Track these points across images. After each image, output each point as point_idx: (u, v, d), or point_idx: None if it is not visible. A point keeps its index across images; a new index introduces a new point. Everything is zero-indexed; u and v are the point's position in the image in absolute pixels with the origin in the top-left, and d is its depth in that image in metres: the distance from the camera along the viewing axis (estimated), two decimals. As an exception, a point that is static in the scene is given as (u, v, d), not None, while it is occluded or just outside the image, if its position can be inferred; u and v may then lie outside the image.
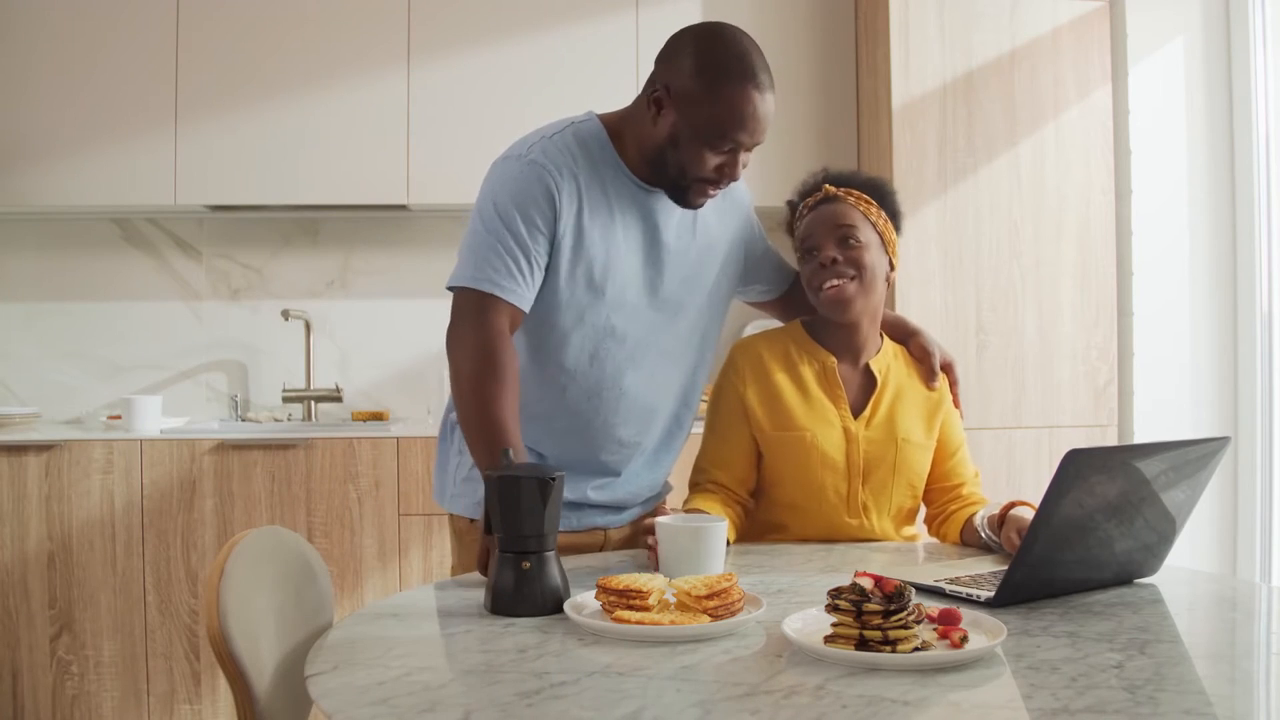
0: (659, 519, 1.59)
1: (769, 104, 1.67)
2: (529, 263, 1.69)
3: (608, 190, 1.74)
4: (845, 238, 1.84)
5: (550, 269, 1.73)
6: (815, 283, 1.85)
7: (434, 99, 3.50)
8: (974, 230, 3.32)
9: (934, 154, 3.32)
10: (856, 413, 1.89)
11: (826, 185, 1.90)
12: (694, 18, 3.50)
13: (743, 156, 1.71)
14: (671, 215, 1.80)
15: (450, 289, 1.73)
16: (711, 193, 1.75)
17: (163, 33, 3.47)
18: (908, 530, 1.96)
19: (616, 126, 1.79)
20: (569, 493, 1.80)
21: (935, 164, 3.31)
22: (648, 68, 1.77)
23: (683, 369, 1.88)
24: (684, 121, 1.67)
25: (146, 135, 3.47)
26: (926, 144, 3.31)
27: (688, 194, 1.75)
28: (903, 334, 1.99)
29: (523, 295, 1.70)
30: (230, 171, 3.49)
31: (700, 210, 1.83)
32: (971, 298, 3.31)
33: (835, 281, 1.83)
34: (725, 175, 1.72)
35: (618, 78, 3.47)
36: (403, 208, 3.67)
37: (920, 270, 3.28)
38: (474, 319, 1.67)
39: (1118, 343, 3.37)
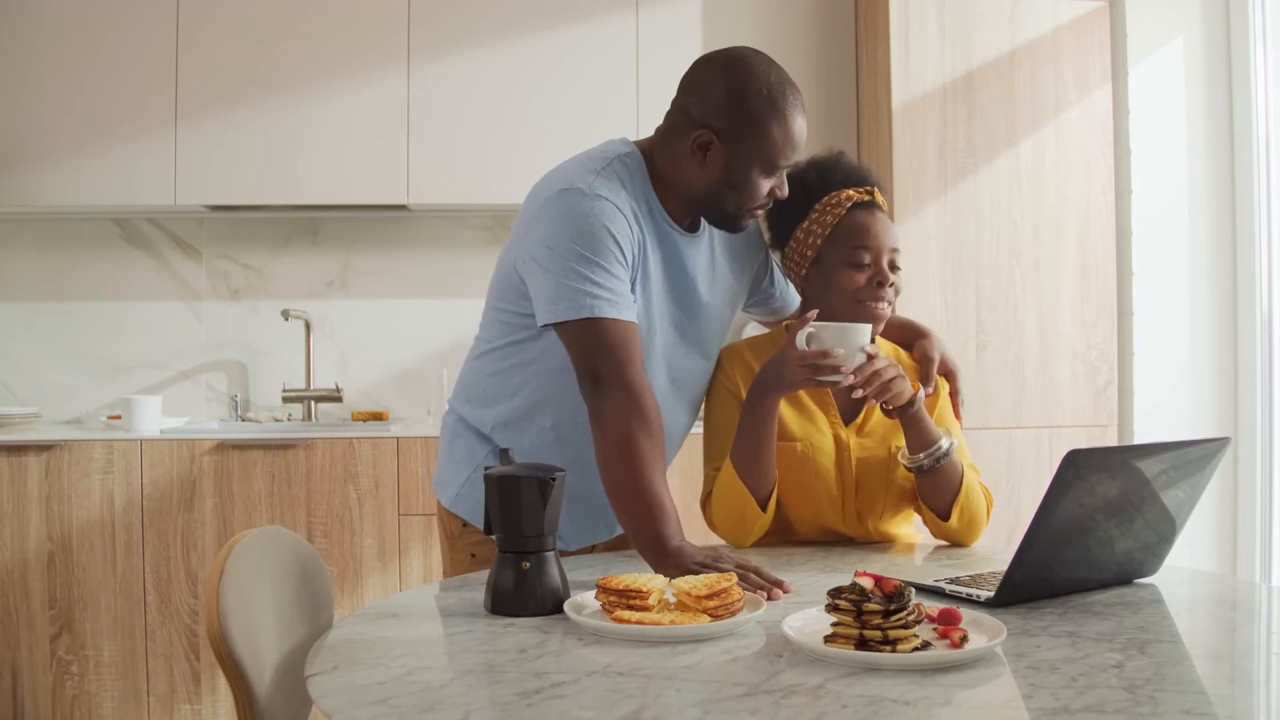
0: (818, 324, 1.69)
1: (805, 119, 1.71)
2: (627, 287, 1.66)
3: (645, 227, 1.73)
4: (895, 263, 1.82)
5: None
6: (862, 295, 1.80)
7: (434, 99, 3.50)
8: (974, 230, 3.32)
9: (934, 154, 3.32)
10: (848, 419, 1.87)
11: (877, 191, 1.86)
12: (694, 18, 3.51)
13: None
14: (699, 258, 1.80)
15: (548, 326, 1.65)
16: (760, 214, 1.77)
17: (163, 33, 3.47)
18: (905, 531, 1.95)
19: (649, 159, 1.76)
20: (597, 524, 1.81)
21: (935, 164, 3.31)
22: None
23: (692, 402, 1.89)
24: (737, 160, 1.68)
25: (146, 135, 3.47)
26: (926, 144, 3.31)
27: (740, 221, 1.76)
28: (913, 335, 1.96)
29: (633, 310, 1.65)
30: (230, 171, 3.49)
31: (717, 249, 1.84)
32: (971, 298, 3.31)
33: (882, 305, 1.81)
34: (776, 195, 1.74)
35: (618, 78, 3.46)
36: (403, 208, 3.67)
37: (920, 270, 3.28)
38: (598, 350, 1.60)
39: (1118, 343, 3.37)
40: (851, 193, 1.82)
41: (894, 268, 1.82)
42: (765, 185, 1.71)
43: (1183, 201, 3.34)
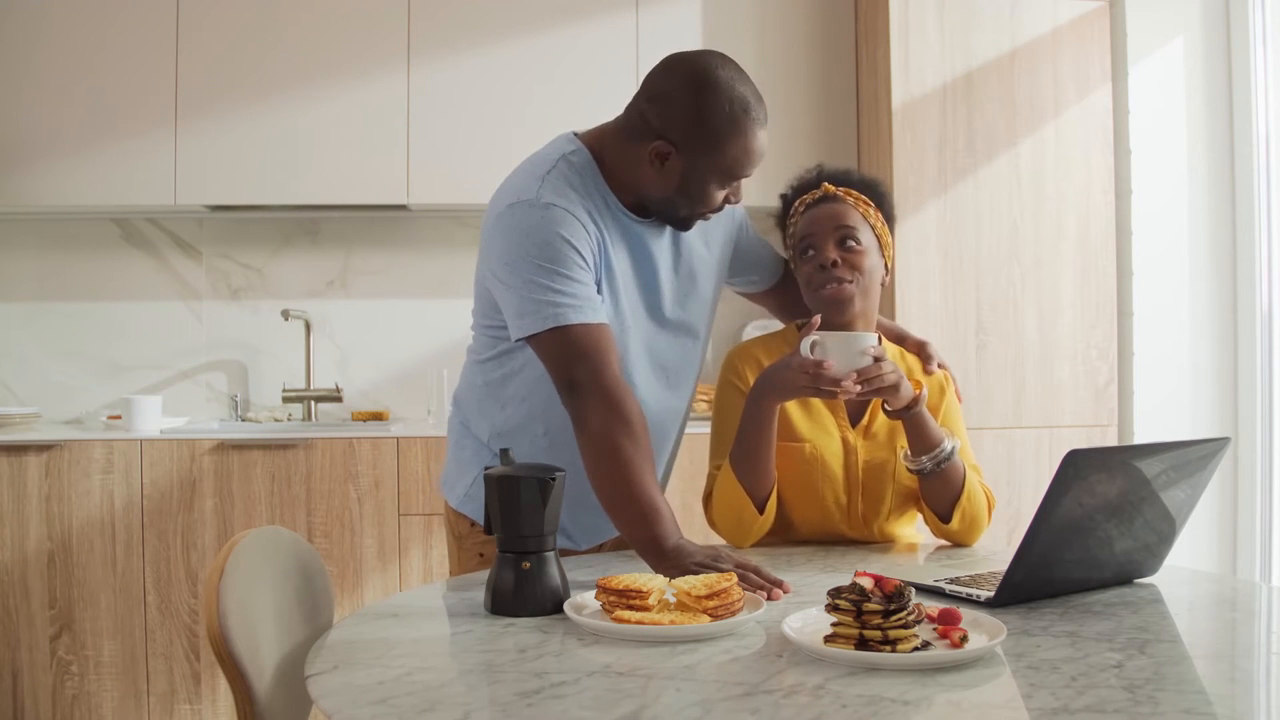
0: (823, 333, 1.70)
1: (766, 131, 1.71)
2: (591, 290, 1.66)
3: (600, 220, 1.73)
4: (846, 239, 1.82)
5: None
6: (814, 283, 1.83)
7: (434, 99, 3.50)
8: (974, 230, 3.32)
9: (934, 154, 3.32)
10: (855, 420, 1.88)
11: (826, 184, 1.88)
12: (694, 18, 3.51)
13: None
14: (661, 241, 1.80)
15: (522, 340, 1.66)
16: (711, 218, 1.80)
17: (163, 33, 3.47)
18: (907, 531, 1.95)
19: (599, 153, 1.76)
20: (593, 529, 1.82)
21: (935, 164, 3.31)
22: (648, 68, 1.75)
23: (685, 385, 1.89)
24: (695, 172, 1.69)
25: (146, 135, 3.47)
26: (926, 144, 3.31)
27: (690, 224, 1.78)
28: (911, 346, 1.97)
29: (601, 310, 1.66)
30: (230, 171, 3.49)
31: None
32: (971, 298, 3.31)
33: (834, 285, 1.81)
34: (730, 202, 1.77)
35: (618, 78, 3.46)
36: (403, 208, 3.67)
37: (920, 270, 3.28)
38: (571, 358, 1.61)
39: (1118, 343, 3.37)
40: (806, 198, 1.89)
41: (844, 244, 1.83)
42: (719, 195, 1.73)
43: (1183, 201, 3.34)
